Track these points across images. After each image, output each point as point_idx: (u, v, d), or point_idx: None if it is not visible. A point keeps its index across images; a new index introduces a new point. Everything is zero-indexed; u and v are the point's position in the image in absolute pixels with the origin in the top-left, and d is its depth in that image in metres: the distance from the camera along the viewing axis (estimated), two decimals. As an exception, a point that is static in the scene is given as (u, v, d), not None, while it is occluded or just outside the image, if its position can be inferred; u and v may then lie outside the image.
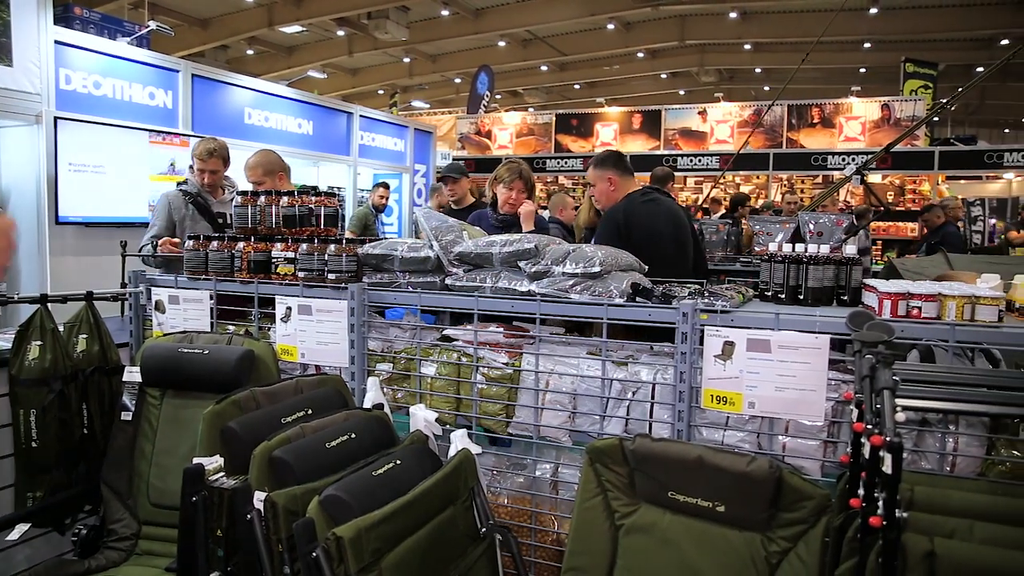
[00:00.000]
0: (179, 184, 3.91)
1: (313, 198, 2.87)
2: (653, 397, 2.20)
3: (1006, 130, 25.67)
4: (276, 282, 2.76)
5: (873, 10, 14.67)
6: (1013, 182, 13.40)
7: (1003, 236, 9.52)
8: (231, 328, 2.87)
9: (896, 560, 1.37)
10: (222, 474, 1.93)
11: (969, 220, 10.72)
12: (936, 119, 14.96)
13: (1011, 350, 2.10)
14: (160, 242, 3.45)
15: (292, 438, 1.91)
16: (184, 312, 2.87)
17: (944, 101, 7.09)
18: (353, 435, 1.99)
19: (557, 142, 14.42)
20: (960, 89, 6.44)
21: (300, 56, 18.80)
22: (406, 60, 20.03)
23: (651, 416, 2.20)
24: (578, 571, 1.85)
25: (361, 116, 9.58)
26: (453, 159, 13.37)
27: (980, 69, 15.79)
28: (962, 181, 13.35)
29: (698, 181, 13.54)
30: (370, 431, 2.07)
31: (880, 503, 1.38)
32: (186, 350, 2.51)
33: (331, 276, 2.64)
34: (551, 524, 2.39)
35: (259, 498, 1.73)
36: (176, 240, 3.49)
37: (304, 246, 2.70)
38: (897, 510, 1.37)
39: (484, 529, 1.97)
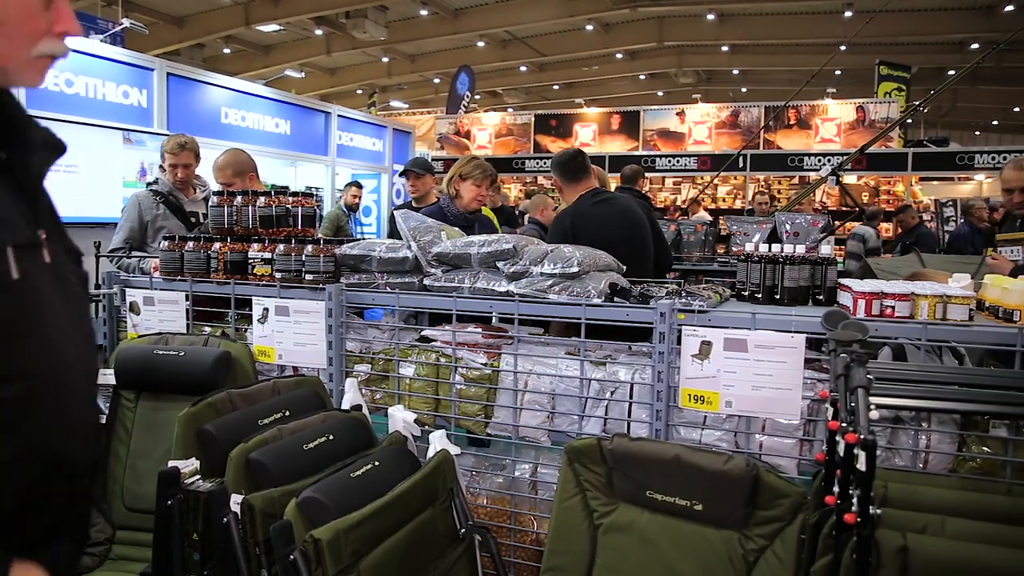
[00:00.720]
0: (149, 184, 3.84)
1: (290, 198, 2.85)
2: (631, 397, 2.21)
3: (977, 132, 26.12)
4: (253, 283, 2.74)
5: (848, 13, 14.85)
6: (984, 183, 13.65)
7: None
8: (207, 329, 2.84)
9: (870, 556, 1.39)
10: (198, 477, 1.91)
11: (941, 220, 10.91)
12: (909, 121, 15.20)
13: (977, 347, 2.14)
14: (151, 267, 3.29)
15: (269, 440, 1.89)
16: (159, 313, 2.83)
17: (917, 104, 7.22)
18: (331, 436, 1.98)
19: (536, 142, 14.43)
20: (932, 92, 6.55)
21: (278, 55, 18.66)
22: (385, 60, 19.96)
23: (629, 416, 2.21)
24: (557, 571, 1.86)
25: (339, 116, 9.53)
26: (432, 159, 13.35)
27: (952, 72, 16.04)
28: (935, 182, 13.58)
29: (676, 181, 13.62)
30: (348, 432, 2.06)
31: (854, 500, 1.40)
32: (161, 352, 2.48)
33: (308, 277, 2.62)
34: (530, 524, 2.39)
35: (236, 501, 1.72)
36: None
37: (281, 247, 2.68)
38: (871, 507, 1.39)
39: (463, 530, 1.96)
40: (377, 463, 1.85)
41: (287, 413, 2.13)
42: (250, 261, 2.74)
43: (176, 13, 15.75)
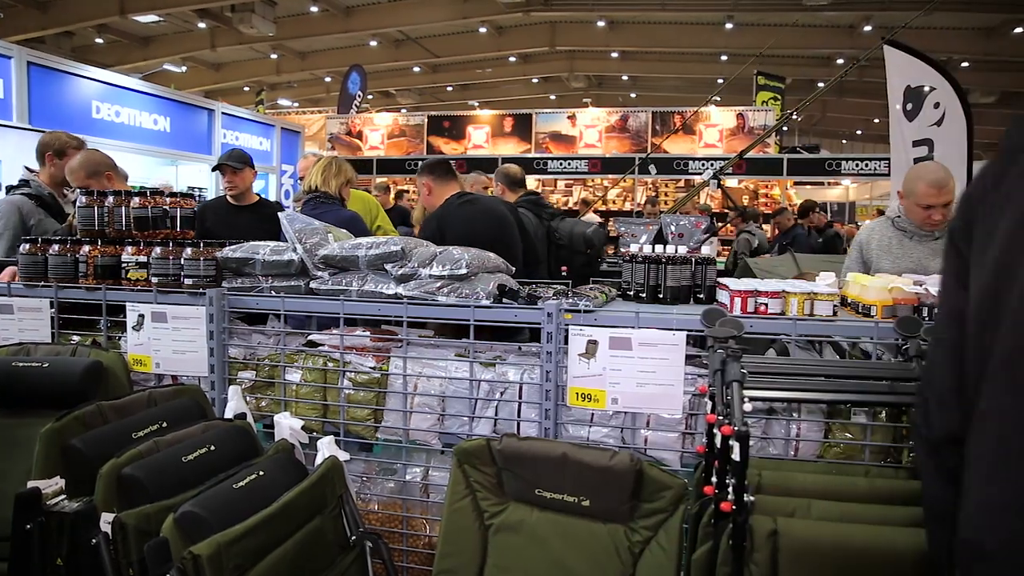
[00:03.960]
0: (15, 187, 3.53)
1: (168, 199, 2.71)
2: (521, 397, 2.24)
3: (844, 141, 28.01)
4: (127, 288, 2.59)
5: (729, 25, 15.61)
6: (850, 188, 14.67)
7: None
8: (75, 339, 2.66)
9: (745, 541, 1.47)
10: (63, 497, 1.78)
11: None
12: (785, 129, 16.13)
13: (856, 341, 2.29)
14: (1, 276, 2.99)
15: (144, 453, 1.80)
16: (19, 322, 2.63)
17: (790, 112, 7.68)
18: (212, 447, 1.90)
19: (429, 144, 14.39)
20: (804, 101, 6.98)
21: (157, 48, 17.70)
22: (273, 56, 19.33)
23: (519, 416, 2.24)
24: (449, 573, 1.85)
25: (223, 113, 9.17)
26: (324, 159, 13.02)
27: (821, 84, 17.13)
28: (808, 187, 14.46)
29: (568, 184, 13.90)
30: (231, 442, 1.98)
31: (730, 489, 1.47)
32: (22, 363, 2.29)
33: (188, 281, 2.50)
34: (423, 528, 2.38)
35: (106, 520, 1.62)
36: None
37: (158, 249, 2.54)
38: (745, 495, 1.46)
39: (354, 537, 1.93)
40: (261, 473, 1.79)
41: (164, 425, 2.03)
42: (123, 265, 2.59)
43: (38, -4, 14.62)
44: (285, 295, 2.45)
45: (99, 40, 17.09)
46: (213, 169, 4.18)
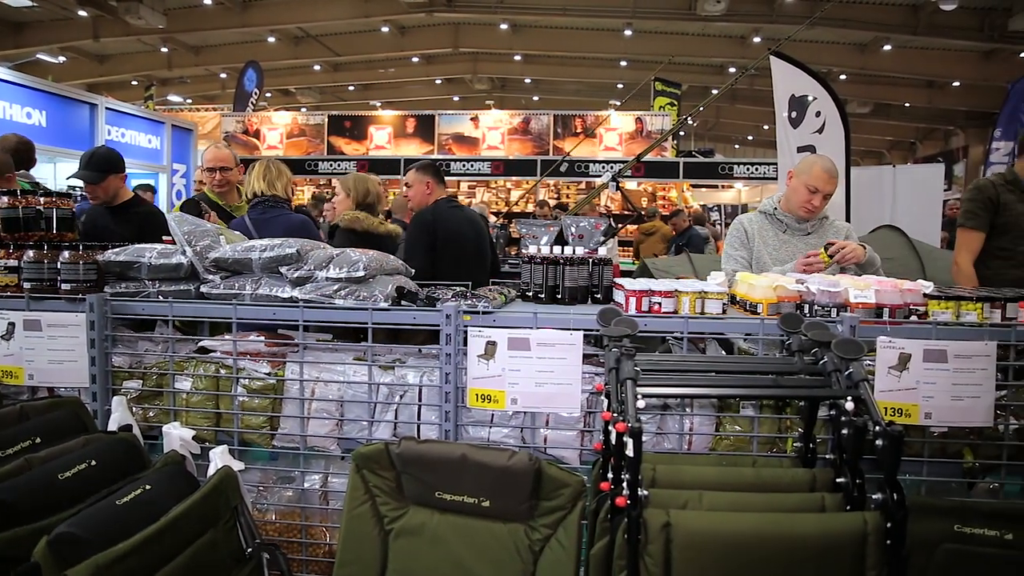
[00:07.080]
0: None
1: (42, 199, 2.54)
2: (420, 399, 2.22)
3: (736, 146, 29.29)
4: (-7, 294, 2.41)
5: (628, 32, 16.04)
6: (742, 191, 15.35)
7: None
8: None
9: (639, 534, 1.51)
10: (-83, 523, 1.64)
11: (708, 223, 12.12)
12: (682, 133, 16.73)
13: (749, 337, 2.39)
14: None
15: (14, 472, 1.68)
16: None
17: (685, 117, 7.98)
18: (94, 462, 1.80)
19: (330, 144, 14.12)
20: (698, 107, 7.26)
21: (31, 35, 16.51)
22: (164, 50, 18.43)
23: (419, 419, 2.22)
24: (348, 581, 1.82)
25: (107, 108, 8.66)
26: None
27: (715, 91, 17.84)
28: (703, 189, 15.05)
29: (471, 185, 13.94)
30: (115, 456, 1.88)
31: (625, 484, 1.51)
32: None
33: (65, 286, 2.35)
34: (322, 536, 2.33)
35: (-32, 547, 1.50)
36: None
37: (31, 252, 2.38)
38: (640, 489, 1.51)
39: (250, 549, 1.86)
40: (148, 487, 1.71)
41: (38, 440, 1.90)
42: (-10, 270, 2.41)
43: None
44: (173, 300, 2.35)
45: (-37, 25, 15.83)
46: (68, 177, 3.78)
